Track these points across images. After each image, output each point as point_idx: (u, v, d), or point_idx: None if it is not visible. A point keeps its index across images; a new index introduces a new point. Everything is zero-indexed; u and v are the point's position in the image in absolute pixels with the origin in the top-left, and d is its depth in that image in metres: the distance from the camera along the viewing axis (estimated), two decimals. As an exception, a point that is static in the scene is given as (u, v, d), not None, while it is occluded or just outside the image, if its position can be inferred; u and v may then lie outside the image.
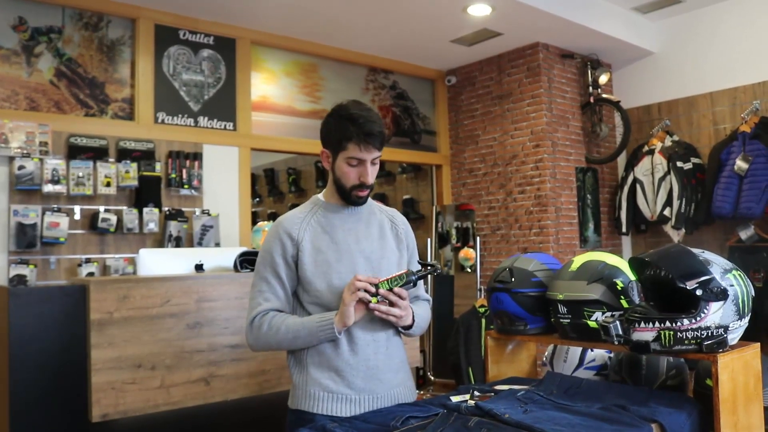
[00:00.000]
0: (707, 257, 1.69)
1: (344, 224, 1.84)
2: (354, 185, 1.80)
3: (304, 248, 1.78)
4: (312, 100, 5.00)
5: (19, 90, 3.73)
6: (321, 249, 1.78)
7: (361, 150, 1.75)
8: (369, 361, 1.78)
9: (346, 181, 1.80)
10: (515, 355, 2.28)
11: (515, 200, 5.23)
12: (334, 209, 1.85)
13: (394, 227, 1.94)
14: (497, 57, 5.39)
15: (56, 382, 2.32)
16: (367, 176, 1.79)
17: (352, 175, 1.79)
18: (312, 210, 1.86)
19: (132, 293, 2.40)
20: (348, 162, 1.78)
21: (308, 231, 1.80)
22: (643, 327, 1.66)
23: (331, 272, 1.77)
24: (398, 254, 1.90)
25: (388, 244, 1.89)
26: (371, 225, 1.88)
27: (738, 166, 4.39)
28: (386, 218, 1.95)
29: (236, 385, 2.61)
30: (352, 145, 1.75)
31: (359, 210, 1.88)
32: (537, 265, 2.06)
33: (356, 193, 1.81)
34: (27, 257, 3.59)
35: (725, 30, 4.87)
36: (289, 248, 1.78)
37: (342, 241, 1.81)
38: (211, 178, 4.34)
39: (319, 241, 1.79)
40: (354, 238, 1.83)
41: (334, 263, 1.78)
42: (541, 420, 1.54)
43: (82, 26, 3.97)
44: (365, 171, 1.78)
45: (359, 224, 1.86)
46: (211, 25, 4.44)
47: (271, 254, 1.79)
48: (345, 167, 1.79)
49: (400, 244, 1.92)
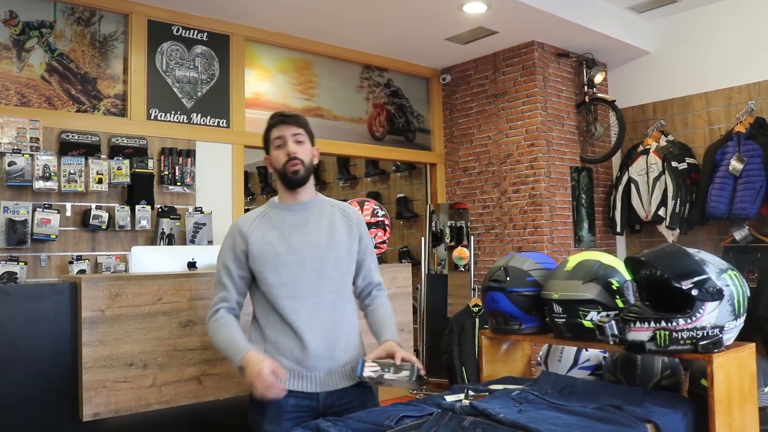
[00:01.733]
0: (703, 257, 1.69)
1: (294, 220, 2.00)
2: (284, 162, 1.98)
3: (253, 242, 1.96)
4: (306, 98, 4.98)
5: (10, 85, 3.69)
6: (270, 242, 1.96)
7: (280, 129, 1.99)
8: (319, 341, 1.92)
9: (279, 163, 1.99)
10: (510, 355, 2.27)
11: (509, 199, 5.23)
12: (285, 207, 2.03)
13: (345, 218, 2.08)
14: (492, 55, 5.39)
15: (47, 381, 2.30)
16: (290, 147, 1.96)
17: (280, 155, 1.99)
18: (264, 210, 2.05)
19: (124, 291, 2.38)
20: (275, 145, 2.00)
21: (258, 227, 1.99)
22: (638, 327, 1.66)
23: (279, 263, 1.94)
24: (348, 243, 2.04)
25: (338, 234, 2.02)
26: (321, 219, 2.03)
27: (733, 167, 4.40)
28: (338, 211, 2.09)
29: (229, 383, 2.59)
30: (273, 130, 2.02)
31: (309, 206, 2.04)
32: (532, 265, 2.06)
33: (289, 168, 1.97)
34: (17, 254, 3.55)
35: (721, 30, 4.88)
36: (239, 243, 1.98)
37: (289, 235, 1.97)
38: (204, 175, 4.31)
39: (269, 236, 1.97)
40: (302, 232, 1.98)
41: (283, 255, 1.94)
42: (536, 420, 1.53)
43: (74, 21, 3.94)
44: (288, 145, 1.97)
45: (308, 218, 2.02)
46: (205, 21, 4.41)
47: (223, 249, 2.02)
48: (275, 152, 2.00)
49: (350, 232, 2.06)
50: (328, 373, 1.93)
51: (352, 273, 2.07)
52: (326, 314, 1.95)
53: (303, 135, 2.03)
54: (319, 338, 1.92)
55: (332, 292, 1.98)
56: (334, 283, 1.99)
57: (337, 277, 2.00)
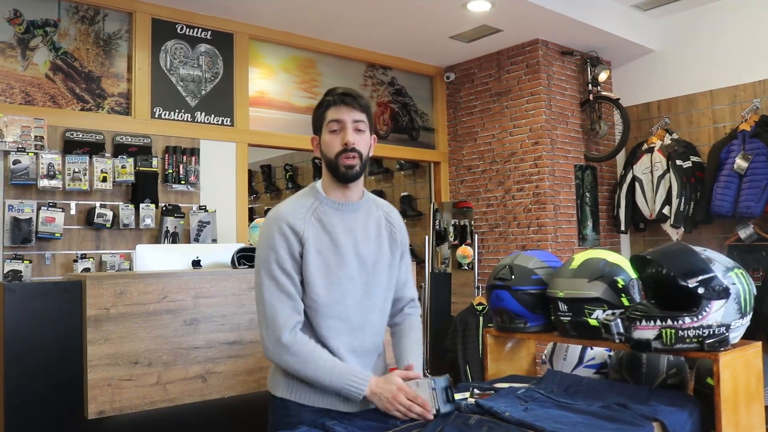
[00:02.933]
0: (709, 255, 1.68)
1: (344, 223, 1.77)
2: (338, 152, 1.72)
3: (308, 248, 1.70)
4: (310, 96, 4.98)
5: (15, 84, 3.70)
6: (322, 251, 1.72)
7: (340, 110, 1.72)
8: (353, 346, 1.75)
9: (331, 151, 1.74)
10: (514, 353, 2.27)
11: (513, 198, 5.22)
12: (334, 205, 1.78)
13: (388, 226, 1.88)
14: (496, 54, 5.38)
15: (52, 379, 2.30)
16: (348, 136, 1.71)
17: (335, 141, 1.73)
18: (312, 204, 1.77)
19: (128, 289, 2.38)
20: (329, 128, 1.74)
21: (310, 228, 1.72)
22: (644, 325, 1.65)
23: (331, 277, 1.72)
24: (390, 257, 1.85)
25: (383, 247, 1.83)
26: (369, 225, 1.82)
27: (737, 165, 4.38)
28: (383, 216, 1.88)
29: (233, 382, 2.60)
30: (330, 110, 1.74)
31: (358, 207, 1.81)
32: (537, 263, 2.05)
33: (344, 162, 1.72)
34: (22, 253, 3.56)
35: (725, 28, 4.86)
36: (294, 244, 1.69)
37: (341, 244, 1.74)
38: (208, 173, 4.31)
39: (320, 242, 1.72)
40: (352, 241, 1.77)
41: (334, 267, 1.72)
42: (542, 418, 1.53)
43: (78, 20, 3.94)
44: (346, 133, 1.72)
45: (358, 224, 1.80)
46: (209, 19, 4.41)
47: (276, 250, 1.69)
48: (328, 137, 1.74)
49: (393, 244, 1.87)
50: None
51: (393, 289, 1.88)
52: (367, 335, 1.78)
53: (365, 122, 1.75)
54: (356, 361, 1.74)
55: (375, 311, 1.80)
56: (378, 302, 1.80)
57: (380, 294, 1.81)
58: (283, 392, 1.75)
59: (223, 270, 2.74)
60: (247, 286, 2.68)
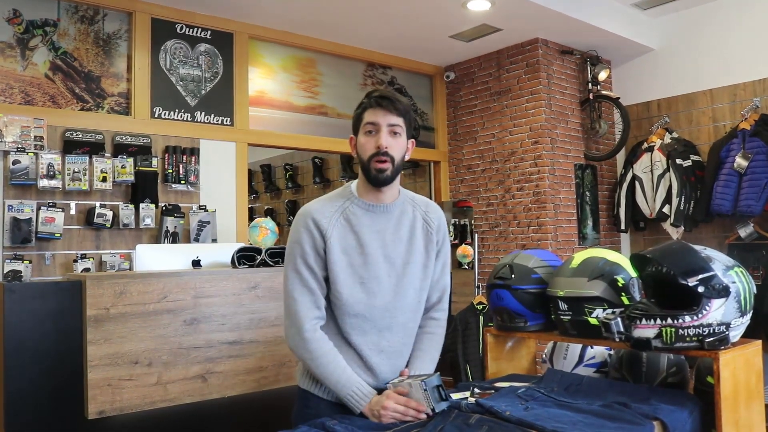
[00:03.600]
0: (709, 254, 1.68)
1: (373, 225, 1.78)
2: (371, 155, 1.73)
3: (332, 246, 1.72)
4: (310, 96, 4.98)
5: (14, 84, 3.70)
6: (347, 250, 1.74)
7: (376, 113, 1.73)
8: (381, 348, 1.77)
9: (365, 153, 1.75)
10: (515, 352, 2.27)
11: (514, 197, 5.22)
12: (365, 206, 1.78)
13: (425, 227, 1.86)
14: (496, 53, 5.37)
15: (52, 379, 2.30)
16: (381, 140, 1.72)
17: (369, 144, 1.74)
18: (342, 204, 1.79)
19: (128, 289, 2.38)
20: (365, 131, 1.75)
21: (336, 227, 1.74)
22: (644, 324, 1.65)
23: (354, 276, 1.73)
24: (425, 257, 1.84)
25: (416, 248, 1.82)
26: (401, 227, 1.82)
27: (737, 164, 4.38)
28: (420, 214, 1.87)
29: (234, 381, 2.60)
30: (367, 112, 1.75)
31: (391, 209, 1.81)
32: (537, 262, 2.05)
33: (375, 165, 1.73)
34: (22, 253, 3.56)
35: (725, 27, 4.86)
36: (318, 240, 1.73)
37: (368, 245, 1.75)
38: (208, 173, 4.31)
39: (346, 241, 1.74)
40: (380, 242, 1.77)
41: (358, 267, 1.74)
42: (543, 417, 1.53)
43: (78, 19, 3.94)
44: (380, 137, 1.72)
45: (388, 226, 1.79)
46: (209, 19, 4.41)
47: (301, 245, 1.74)
48: (363, 138, 1.76)
49: (429, 244, 1.85)
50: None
51: (427, 290, 1.86)
52: (396, 336, 1.78)
53: (401, 126, 1.75)
54: (385, 361, 1.76)
55: (406, 312, 1.79)
56: (408, 303, 1.80)
57: (412, 295, 1.80)
58: (305, 384, 1.82)
59: (223, 270, 2.74)
60: (247, 285, 2.68)
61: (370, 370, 1.75)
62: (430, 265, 1.86)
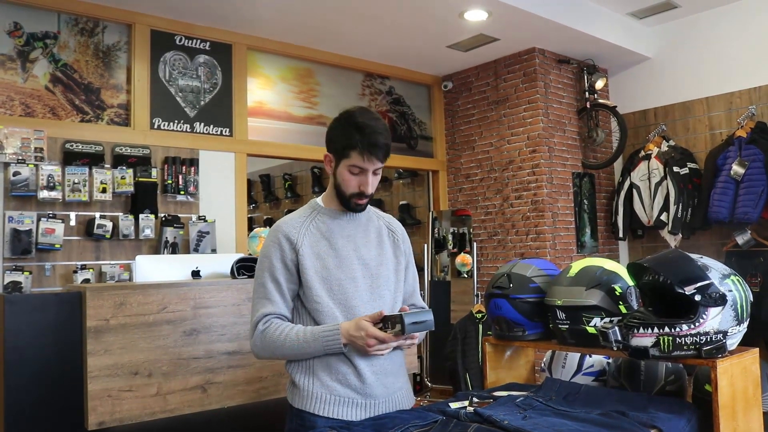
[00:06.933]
0: (705, 262, 1.69)
1: (343, 230, 1.84)
2: (353, 193, 1.81)
3: (304, 253, 1.77)
4: (308, 106, 5.00)
5: (15, 96, 3.72)
6: (320, 255, 1.79)
7: (364, 160, 1.75)
8: (374, 366, 1.78)
9: (346, 188, 1.81)
10: (513, 361, 2.27)
11: (512, 206, 5.23)
12: (332, 215, 1.86)
13: (391, 235, 1.95)
14: (493, 62, 5.41)
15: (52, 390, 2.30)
16: (368, 186, 1.79)
17: (352, 183, 1.79)
18: (311, 215, 1.86)
19: (128, 300, 2.39)
20: (350, 170, 1.78)
21: (307, 236, 1.80)
22: (641, 333, 1.66)
23: (331, 278, 1.78)
24: (395, 261, 1.91)
25: (386, 252, 1.90)
26: (369, 232, 1.90)
27: (734, 171, 4.41)
28: (384, 225, 1.95)
29: (233, 392, 2.60)
30: (355, 153, 1.75)
31: (358, 216, 1.89)
32: (535, 271, 2.06)
33: (355, 201, 1.82)
34: (22, 264, 3.57)
35: (721, 35, 4.90)
36: (288, 252, 1.78)
37: (341, 248, 1.81)
38: (208, 184, 4.33)
39: (318, 247, 1.80)
40: (353, 245, 1.83)
41: (334, 270, 1.78)
42: (541, 426, 1.54)
43: (78, 32, 3.97)
44: (366, 181, 1.79)
45: (357, 230, 1.87)
46: (208, 30, 4.44)
47: (270, 259, 1.79)
48: (346, 174, 1.79)
49: (397, 251, 1.93)
50: (384, 402, 1.79)
51: (401, 293, 1.91)
52: None
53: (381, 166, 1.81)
54: (372, 364, 1.77)
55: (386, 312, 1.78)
56: (387, 303, 1.83)
57: (388, 297, 1.84)
58: (299, 403, 1.79)
59: (222, 280, 2.75)
60: (247, 296, 2.68)
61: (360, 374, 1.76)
62: (401, 270, 1.92)
